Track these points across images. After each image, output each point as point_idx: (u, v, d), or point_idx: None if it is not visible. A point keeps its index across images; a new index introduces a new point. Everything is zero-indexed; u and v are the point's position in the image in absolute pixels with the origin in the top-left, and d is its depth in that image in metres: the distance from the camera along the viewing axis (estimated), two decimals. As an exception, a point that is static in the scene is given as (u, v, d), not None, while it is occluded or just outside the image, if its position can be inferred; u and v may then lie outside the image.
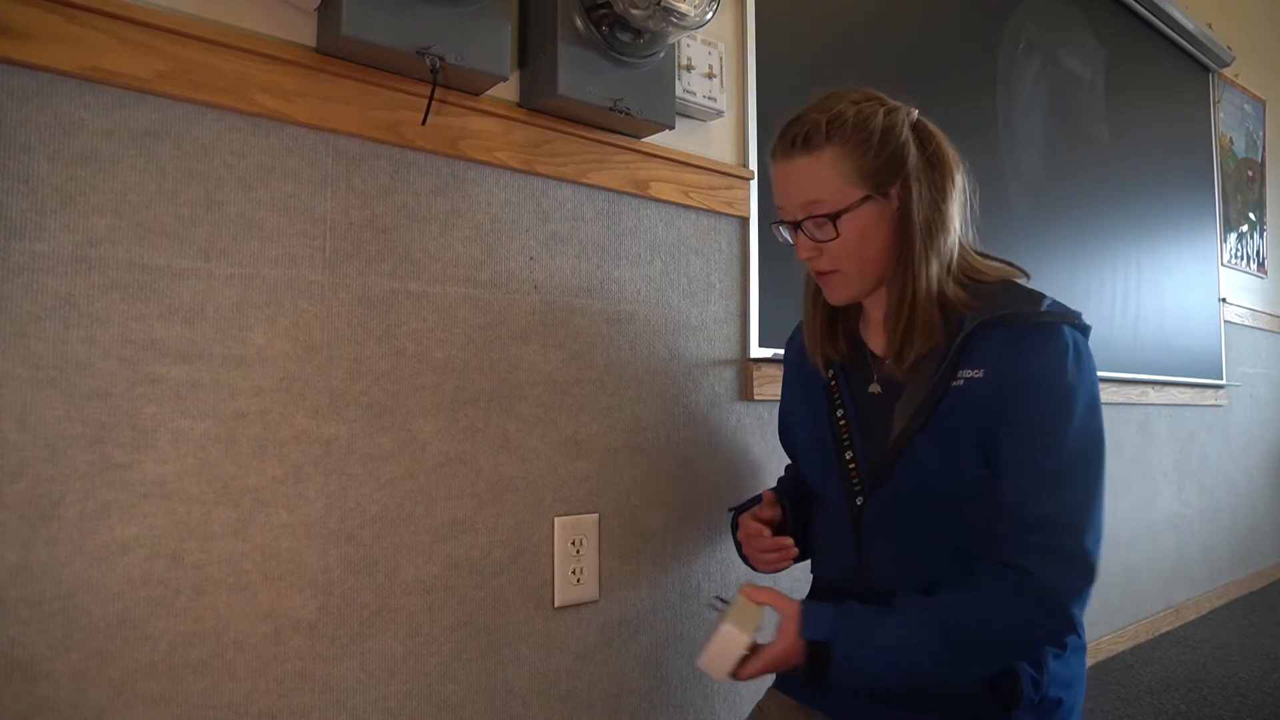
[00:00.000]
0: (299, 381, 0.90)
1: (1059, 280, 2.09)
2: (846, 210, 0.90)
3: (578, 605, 1.13)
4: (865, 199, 0.90)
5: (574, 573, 1.13)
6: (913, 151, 0.91)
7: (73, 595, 0.76)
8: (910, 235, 0.90)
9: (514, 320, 1.08)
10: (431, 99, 0.96)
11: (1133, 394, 2.38)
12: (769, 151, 0.96)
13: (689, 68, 1.25)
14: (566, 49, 1.05)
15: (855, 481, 0.97)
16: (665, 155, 1.24)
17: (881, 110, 0.91)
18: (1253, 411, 3.13)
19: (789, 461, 1.17)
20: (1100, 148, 2.33)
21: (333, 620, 0.91)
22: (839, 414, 1.00)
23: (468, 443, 1.03)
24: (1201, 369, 2.72)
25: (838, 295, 0.96)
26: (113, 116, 0.80)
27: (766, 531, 1.03)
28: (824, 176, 0.90)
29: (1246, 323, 3.06)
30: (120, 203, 0.80)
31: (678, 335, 1.27)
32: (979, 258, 0.96)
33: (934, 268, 0.90)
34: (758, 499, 1.12)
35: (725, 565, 1.33)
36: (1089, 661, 2.13)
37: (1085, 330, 0.91)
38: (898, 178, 0.91)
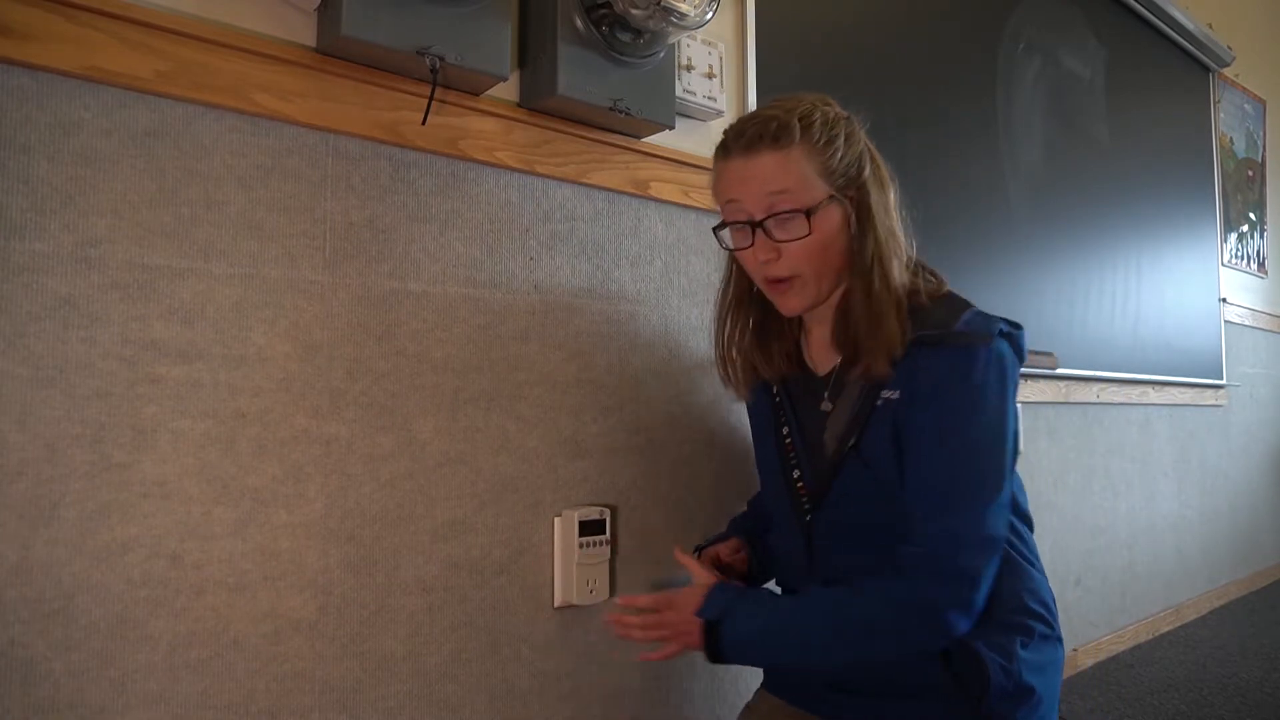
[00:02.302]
0: (299, 381, 0.90)
1: (1059, 280, 2.08)
2: (817, 207, 0.89)
3: (578, 605, 1.13)
4: (830, 199, 0.90)
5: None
6: (869, 160, 0.93)
7: (73, 595, 0.76)
8: (876, 235, 0.91)
9: (514, 320, 1.08)
10: (431, 99, 0.96)
11: (1133, 394, 2.38)
12: (718, 152, 0.94)
13: (689, 68, 1.25)
14: (566, 49, 1.05)
15: (804, 499, 0.99)
16: (665, 155, 1.24)
17: (844, 117, 0.92)
18: (1253, 411, 3.13)
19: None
20: (1100, 148, 2.33)
21: (333, 620, 0.91)
22: (784, 432, 1.03)
23: (468, 443, 1.03)
24: (1201, 369, 2.72)
25: (793, 304, 0.95)
26: (113, 116, 0.80)
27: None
28: (794, 171, 0.89)
29: (1246, 323, 3.06)
30: (120, 203, 0.80)
31: (678, 335, 1.27)
32: (912, 276, 0.95)
33: (897, 270, 0.91)
34: (720, 537, 1.17)
35: (725, 565, 1.32)
36: (1088, 661, 2.14)
37: (1012, 335, 0.91)
38: (855, 184, 0.91)
